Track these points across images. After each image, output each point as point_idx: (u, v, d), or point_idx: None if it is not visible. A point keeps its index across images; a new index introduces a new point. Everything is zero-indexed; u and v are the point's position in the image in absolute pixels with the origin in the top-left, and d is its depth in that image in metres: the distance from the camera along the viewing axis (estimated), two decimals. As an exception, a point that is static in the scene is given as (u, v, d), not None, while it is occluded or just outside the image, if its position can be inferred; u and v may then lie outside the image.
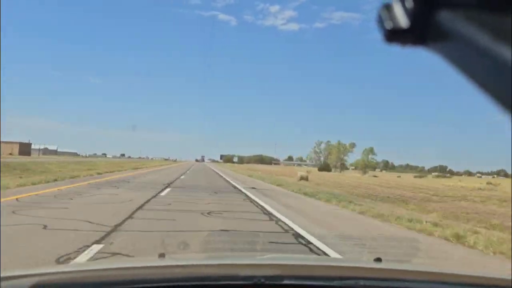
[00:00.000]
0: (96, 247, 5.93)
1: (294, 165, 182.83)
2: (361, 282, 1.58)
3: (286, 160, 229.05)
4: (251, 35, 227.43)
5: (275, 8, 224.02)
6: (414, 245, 6.26)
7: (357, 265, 2.31)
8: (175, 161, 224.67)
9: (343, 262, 3.03)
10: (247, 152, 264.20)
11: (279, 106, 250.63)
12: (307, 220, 9.93)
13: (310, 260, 3.25)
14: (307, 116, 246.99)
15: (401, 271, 1.91)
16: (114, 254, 5.68)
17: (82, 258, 5.40)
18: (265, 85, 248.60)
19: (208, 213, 10.23)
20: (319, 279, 1.68)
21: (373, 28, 0.51)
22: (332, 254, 6.19)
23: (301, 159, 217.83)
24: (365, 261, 3.17)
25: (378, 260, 2.13)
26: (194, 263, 2.09)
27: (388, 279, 1.70)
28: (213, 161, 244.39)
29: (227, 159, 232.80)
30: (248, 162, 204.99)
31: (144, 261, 2.82)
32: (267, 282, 1.55)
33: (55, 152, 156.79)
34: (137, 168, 46.49)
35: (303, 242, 7.11)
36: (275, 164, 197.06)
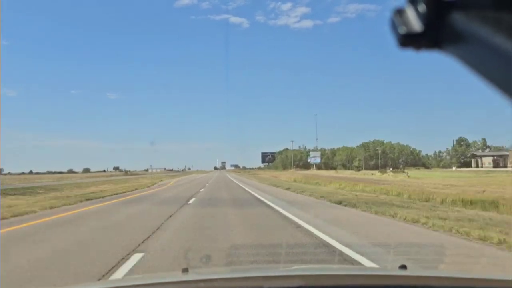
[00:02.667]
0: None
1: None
2: None
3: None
4: (264, 36, 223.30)
5: (287, 6, 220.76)
6: None
7: (382, 273, 2.27)
8: (183, 171, 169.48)
9: (367, 270, 2.99)
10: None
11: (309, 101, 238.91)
12: None
13: (334, 270, 3.21)
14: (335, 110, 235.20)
15: (427, 277, 1.87)
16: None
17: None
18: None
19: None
20: None
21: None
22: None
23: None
24: (390, 269, 3.11)
25: (403, 267, 2.09)
26: (218, 277, 2.09)
27: (414, 287, 1.66)
28: (242, 169, 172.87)
29: (296, 162, 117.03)
30: (358, 167, 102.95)
31: (168, 276, 2.83)
32: None
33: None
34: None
35: None
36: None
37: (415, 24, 0.47)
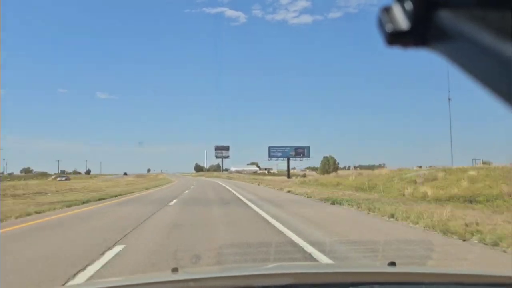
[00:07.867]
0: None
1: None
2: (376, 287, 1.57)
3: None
4: (262, 32, 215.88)
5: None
6: None
7: (370, 270, 2.29)
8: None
9: (356, 267, 3.01)
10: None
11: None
12: None
13: (324, 267, 3.22)
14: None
15: (416, 274, 1.88)
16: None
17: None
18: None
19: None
20: (333, 286, 1.67)
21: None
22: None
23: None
24: (379, 266, 3.14)
25: (392, 264, 2.11)
26: (208, 276, 2.08)
27: (403, 283, 1.68)
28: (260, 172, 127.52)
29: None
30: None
31: (158, 276, 2.81)
32: None
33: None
34: None
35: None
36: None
37: (402, 22, 0.47)
